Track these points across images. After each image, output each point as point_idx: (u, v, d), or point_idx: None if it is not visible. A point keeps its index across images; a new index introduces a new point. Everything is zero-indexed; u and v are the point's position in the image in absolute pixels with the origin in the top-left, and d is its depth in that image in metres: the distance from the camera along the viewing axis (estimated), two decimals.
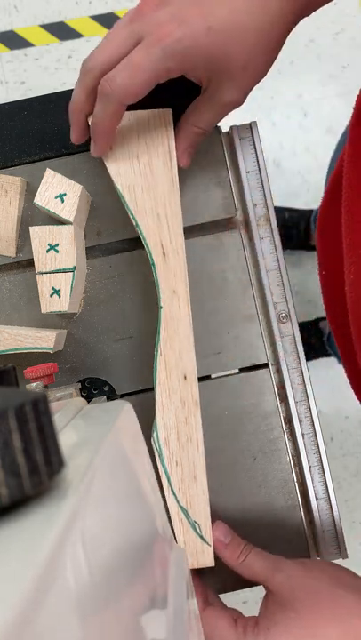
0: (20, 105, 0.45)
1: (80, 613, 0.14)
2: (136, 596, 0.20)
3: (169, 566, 0.28)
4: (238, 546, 0.40)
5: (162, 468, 0.40)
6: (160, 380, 0.40)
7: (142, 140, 0.40)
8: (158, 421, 0.40)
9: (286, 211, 1.29)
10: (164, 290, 0.41)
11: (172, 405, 0.40)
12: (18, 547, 0.13)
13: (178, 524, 0.40)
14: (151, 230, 0.40)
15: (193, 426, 0.40)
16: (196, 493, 0.40)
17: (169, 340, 0.40)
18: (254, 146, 0.45)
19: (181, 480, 0.40)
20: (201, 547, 0.40)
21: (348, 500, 1.30)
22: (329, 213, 0.51)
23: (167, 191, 0.40)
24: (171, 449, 0.40)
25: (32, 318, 0.45)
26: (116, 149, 0.40)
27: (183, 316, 0.41)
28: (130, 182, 0.40)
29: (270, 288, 0.45)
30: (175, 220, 0.41)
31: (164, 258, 0.41)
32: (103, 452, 0.21)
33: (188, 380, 0.40)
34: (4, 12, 1.37)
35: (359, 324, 0.41)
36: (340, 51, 1.37)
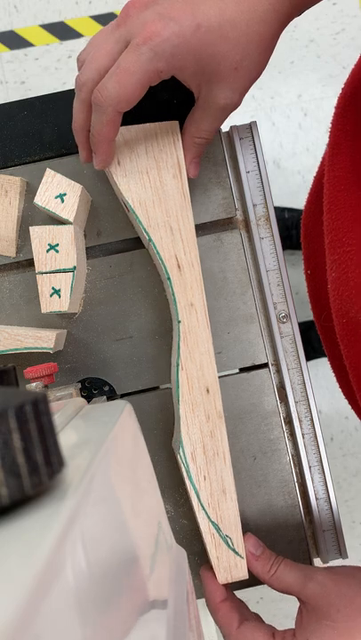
0: (20, 105, 0.45)
1: (80, 613, 0.14)
2: (135, 596, 0.20)
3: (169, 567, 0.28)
4: (269, 558, 0.40)
5: (190, 485, 0.39)
6: (183, 394, 0.40)
7: (151, 154, 0.40)
8: (183, 437, 0.40)
9: (286, 211, 1.29)
10: (181, 303, 0.40)
11: (196, 420, 0.40)
12: (18, 547, 0.13)
13: (210, 538, 0.39)
14: (165, 244, 0.40)
15: (218, 439, 0.40)
16: (226, 507, 0.40)
17: (189, 354, 0.40)
18: (254, 146, 0.45)
19: (210, 495, 0.39)
20: (234, 560, 0.40)
21: (348, 500, 1.30)
22: (313, 213, 0.52)
23: (179, 204, 0.40)
24: (198, 464, 0.39)
25: (32, 318, 0.45)
26: (125, 164, 0.40)
27: (202, 329, 0.40)
28: (141, 197, 0.40)
29: (270, 288, 0.45)
30: (189, 232, 0.40)
31: (180, 271, 0.40)
32: (103, 452, 0.21)
33: (210, 393, 0.40)
34: (3, 11, 1.37)
35: (341, 320, 0.41)
36: (340, 51, 1.37)
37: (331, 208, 0.40)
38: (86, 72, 0.35)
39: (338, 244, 0.39)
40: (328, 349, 0.53)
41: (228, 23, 0.33)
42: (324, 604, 0.36)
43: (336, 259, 0.40)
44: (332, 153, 0.41)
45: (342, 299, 0.39)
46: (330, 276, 0.41)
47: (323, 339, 0.53)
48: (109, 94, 0.34)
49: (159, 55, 0.33)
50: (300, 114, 1.37)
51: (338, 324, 0.41)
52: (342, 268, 0.39)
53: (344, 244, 0.39)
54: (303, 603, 0.37)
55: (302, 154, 1.36)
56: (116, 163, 0.40)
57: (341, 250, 0.39)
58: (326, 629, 0.35)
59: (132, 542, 0.22)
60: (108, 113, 0.35)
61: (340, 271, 0.39)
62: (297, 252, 1.31)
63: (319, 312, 0.52)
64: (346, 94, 0.41)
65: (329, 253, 0.41)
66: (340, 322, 0.41)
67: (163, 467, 0.45)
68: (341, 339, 0.42)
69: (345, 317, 0.40)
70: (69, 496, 0.16)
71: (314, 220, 0.51)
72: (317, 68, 1.37)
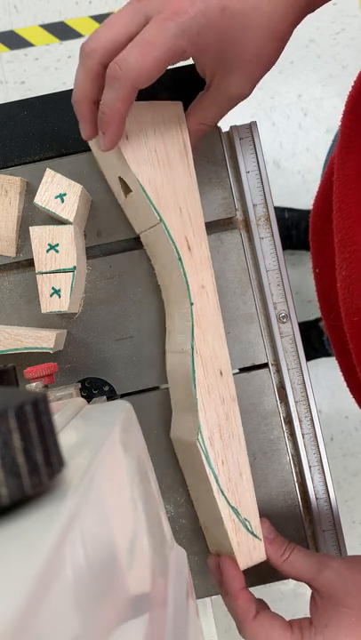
0: (20, 105, 0.45)
1: (80, 612, 0.14)
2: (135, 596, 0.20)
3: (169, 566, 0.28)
4: (282, 543, 0.40)
5: (209, 470, 0.39)
6: (198, 378, 0.39)
7: (158, 133, 0.39)
8: (201, 422, 0.39)
9: (286, 211, 1.29)
10: (193, 285, 0.40)
11: (212, 403, 0.39)
12: (18, 547, 0.14)
13: (231, 525, 0.39)
14: (175, 224, 0.40)
15: (233, 421, 0.40)
16: (243, 490, 0.39)
17: (203, 337, 0.40)
18: (254, 146, 0.45)
19: (229, 479, 0.39)
20: (253, 543, 0.39)
21: (348, 499, 1.30)
22: (322, 211, 0.52)
23: (186, 184, 0.40)
24: (216, 449, 0.39)
25: (32, 318, 0.45)
26: (133, 139, 0.38)
27: (214, 311, 0.40)
28: (150, 176, 0.39)
29: (270, 288, 0.45)
30: (197, 213, 0.40)
31: (190, 252, 0.40)
32: (103, 452, 0.21)
33: (224, 376, 0.40)
34: (3, 11, 1.37)
35: (352, 319, 0.41)
36: (340, 51, 1.37)
37: (341, 206, 0.40)
38: (96, 39, 0.33)
39: (348, 243, 0.39)
40: (336, 348, 0.53)
41: (252, 10, 0.33)
42: (340, 592, 0.35)
43: (346, 257, 0.40)
44: (343, 151, 0.41)
45: (353, 297, 0.39)
46: (339, 275, 0.41)
47: (331, 337, 0.53)
48: (129, 67, 0.31)
49: (185, 32, 0.31)
50: (300, 114, 1.37)
51: (347, 323, 0.41)
52: (353, 266, 0.39)
53: (355, 243, 0.39)
54: (317, 590, 0.37)
55: (302, 154, 1.36)
56: (124, 137, 0.38)
57: (352, 248, 0.39)
58: (344, 616, 0.35)
59: (132, 542, 0.22)
60: (125, 88, 0.32)
61: (350, 269, 0.39)
62: (297, 252, 1.31)
63: (328, 310, 0.52)
64: (356, 93, 0.41)
65: (339, 252, 0.41)
66: (351, 320, 0.41)
67: (163, 466, 0.45)
68: (351, 337, 0.42)
69: (356, 315, 0.40)
70: (69, 496, 0.16)
71: (323, 219, 0.51)
72: (317, 67, 1.37)
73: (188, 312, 0.40)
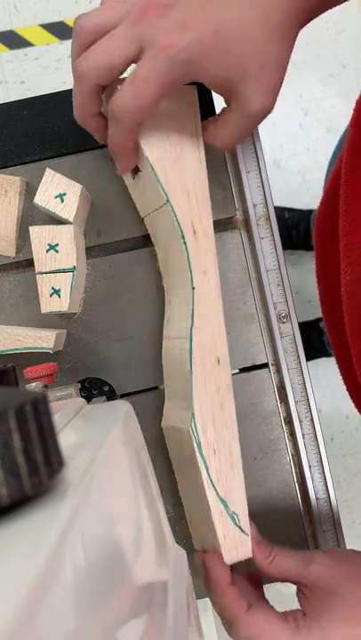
0: (20, 105, 0.45)
1: (80, 612, 0.14)
2: (135, 596, 0.20)
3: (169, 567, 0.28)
4: (267, 546, 0.40)
5: (200, 459, 0.38)
6: (195, 364, 0.39)
7: (171, 117, 0.39)
8: (196, 409, 0.38)
9: (286, 211, 1.29)
10: (196, 270, 0.39)
11: (207, 391, 0.39)
12: (18, 547, 0.13)
13: (218, 517, 0.39)
14: (182, 207, 0.39)
15: (227, 411, 0.39)
16: (233, 483, 0.39)
17: (201, 322, 0.39)
18: (254, 146, 0.45)
19: (219, 470, 0.39)
20: (240, 538, 0.39)
21: (348, 500, 1.30)
22: (327, 214, 0.51)
23: (195, 169, 0.40)
24: (208, 438, 0.39)
25: (32, 318, 0.45)
26: (147, 122, 0.38)
27: (214, 298, 0.40)
28: (160, 156, 0.39)
29: (270, 288, 0.45)
30: (204, 199, 0.40)
31: (195, 237, 0.39)
32: (103, 452, 0.21)
33: (221, 364, 0.39)
34: (3, 11, 1.37)
35: (354, 323, 0.41)
36: (340, 51, 1.37)
37: (347, 210, 0.40)
38: (92, 60, 0.34)
39: (353, 247, 0.39)
40: (337, 351, 0.53)
41: (247, 24, 0.33)
42: (330, 583, 0.36)
43: (351, 261, 0.39)
44: (350, 155, 0.41)
45: (356, 302, 0.39)
46: (344, 279, 0.41)
47: (332, 340, 0.53)
48: (128, 107, 0.33)
49: (175, 64, 0.32)
50: (301, 114, 1.37)
51: (350, 327, 0.41)
52: (357, 270, 0.39)
53: (360, 247, 0.39)
54: (305, 586, 0.37)
55: (302, 154, 1.36)
56: None
57: (357, 253, 0.39)
58: (337, 605, 0.35)
59: (132, 542, 0.22)
60: (127, 125, 0.34)
61: (355, 274, 0.39)
62: (297, 252, 1.31)
63: (331, 313, 0.52)
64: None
65: (344, 256, 0.41)
66: (353, 324, 0.41)
67: (162, 467, 0.45)
68: (353, 342, 0.42)
69: (358, 320, 0.40)
70: (69, 496, 0.16)
71: (328, 222, 0.50)
72: (317, 67, 1.37)
73: (190, 297, 0.40)
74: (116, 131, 0.35)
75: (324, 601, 0.35)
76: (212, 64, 0.33)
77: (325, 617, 0.35)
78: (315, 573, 0.37)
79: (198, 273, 0.40)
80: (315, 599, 0.36)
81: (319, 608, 0.35)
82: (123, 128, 0.35)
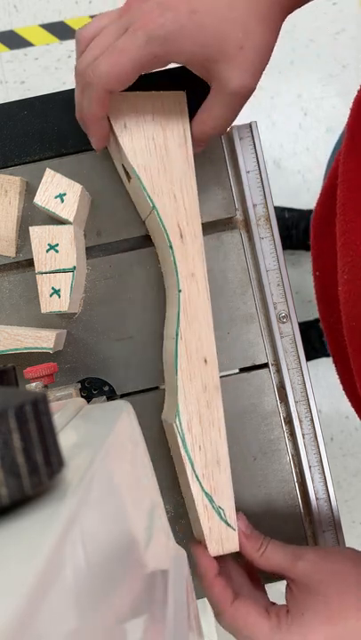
0: (20, 105, 0.45)
1: (80, 612, 0.14)
2: (135, 596, 0.20)
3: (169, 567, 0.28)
4: (258, 538, 0.40)
5: (185, 453, 0.40)
6: (181, 364, 0.40)
7: (158, 121, 0.40)
8: (180, 406, 0.40)
9: (286, 211, 1.29)
10: (183, 273, 0.40)
11: (193, 390, 0.40)
12: (18, 547, 0.13)
13: (203, 510, 0.39)
14: (168, 212, 0.40)
15: (214, 410, 0.40)
16: (219, 478, 0.40)
17: (188, 323, 0.40)
18: (254, 146, 0.45)
19: (205, 465, 0.40)
20: (226, 532, 0.40)
21: (348, 500, 1.30)
22: (324, 214, 0.52)
23: (183, 173, 0.40)
24: (193, 434, 0.40)
25: (32, 318, 0.45)
26: (132, 128, 0.40)
27: (202, 300, 0.40)
28: (146, 163, 0.40)
29: (270, 288, 0.45)
30: (192, 202, 0.40)
31: (182, 240, 0.40)
32: (103, 452, 0.21)
33: (208, 364, 0.40)
34: (3, 11, 1.37)
35: (351, 323, 0.41)
36: (340, 51, 1.37)
37: (344, 210, 0.40)
38: (86, 59, 0.36)
39: (351, 247, 0.39)
40: (334, 351, 0.53)
41: (225, 5, 0.34)
42: (316, 581, 0.36)
43: (348, 261, 0.40)
44: (348, 154, 0.41)
45: (354, 301, 0.39)
46: (341, 279, 0.41)
47: (329, 340, 0.53)
48: (100, 71, 0.34)
49: (153, 39, 0.33)
50: (301, 114, 1.37)
51: (347, 327, 0.41)
52: (355, 270, 0.39)
53: (358, 247, 0.39)
54: (293, 581, 0.37)
55: (302, 154, 1.36)
56: (122, 125, 0.40)
57: (355, 253, 0.39)
58: (319, 604, 0.35)
59: (132, 542, 0.22)
60: (96, 90, 0.35)
61: (352, 274, 0.39)
62: (297, 252, 1.31)
63: (327, 313, 0.52)
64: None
65: (341, 255, 0.41)
66: (350, 324, 0.41)
67: (163, 467, 0.45)
68: (350, 341, 0.42)
69: (354, 320, 0.40)
70: (69, 496, 0.16)
71: (324, 222, 0.50)
72: (317, 67, 1.37)
73: (177, 299, 0.40)
74: (87, 96, 0.36)
75: (307, 599, 0.36)
76: (189, 42, 0.34)
77: (307, 615, 0.35)
78: (301, 570, 0.37)
79: (185, 276, 0.40)
80: (299, 596, 0.36)
81: (302, 605, 0.36)
82: (94, 95, 0.35)
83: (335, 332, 0.50)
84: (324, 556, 0.37)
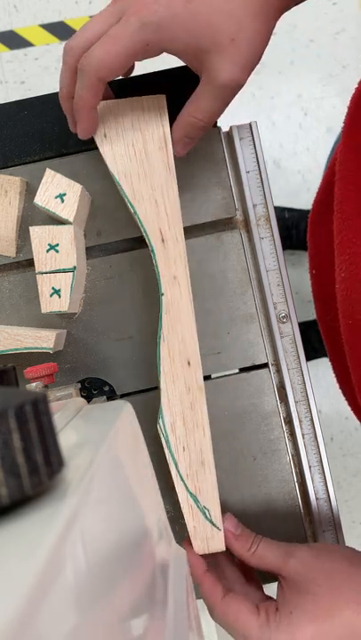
0: (20, 105, 0.45)
1: (79, 612, 0.14)
2: (135, 596, 0.20)
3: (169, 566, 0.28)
4: (249, 537, 0.40)
5: (169, 455, 0.40)
6: (164, 366, 0.40)
7: (137, 126, 0.40)
8: (164, 408, 0.40)
9: (286, 211, 1.29)
10: (165, 276, 0.40)
11: (176, 391, 0.40)
12: (18, 547, 0.13)
13: (187, 509, 0.40)
14: (149, 217, 0.40)
15: (198, 411, 0.40)
16: (204, 479, 0.40)
17: (171, 326, 0.40)
18: (254, 146, 0.45)
19: (189, 466, 0.40)
20: (211, 532, 0.40)
21: (348, 500, 1.30)
22: (321, 212, 0.51)
23: (164, 177, 0.40)
24: (177, 435, 0.40)
25: (32, 318, 0.45)
26: (112, 137, 0.40)
27: (185, 302, 0.41)
28: (126, 169, 0.40)
29: (270, 288, 0.45)
30: (173, 206, 0.40)
31: (163, 244, 0.40)
32: (103, 452, 0.21)
33: (191, 366, 0.40)
34: (3, 11, 1.37)
35: (348, 322, 0.41)
36: (340, 51, 1.37)
37: (341, 208, 0.40)
38: (75, 38, 0.36)
39: (348, 245, 0.39)
40: (330, 350, 0.53)
41: None
42: (306, 579, 0.36)
43: (346, 259, 0.40)
44: (345, 151, 0.41)
45: (351, 299, 0.39)
46: (338, 276, 0.41)
47: (325, 339, 0.53)
48: (93, 59, 0.34)
49: (146, 26, 0.33)
50: (301, 114, 1.37)
51: (344, 325, 0.41)
52: (352, 268, 0.39)
53: (354, 245, 0.39)
54: (284, 578, 0.38)
55: (302, 154, 1.36)
56: (102, 135, 0.40)
57: (352, 250, 0.39)
58: (309, 603, 0.35)
59: (132, 542, 0.22)
60: (89, 78, 0.35)
61: (349, 271, 0.39)
62: (297, 252, 1.31)
63: (324, 312, 0.52)
64: (358, 94, 0.41)
65: (338, 253, 0.41)
66: (346, 323, 0.41)
67: (163, 467, 0.45)
68: (346, 340, 0.42)
69: (351, 319, 0.40)
70: (69, 496, 0.16)
71: (321, 220, 0.50)
72: (317, 67, 1.37)
73: (160, 301, 0.41)
74: (80, 84, 0.36)
75: (296, 597, 0.36)
76: (182, 31, 0.34)
77: (295, 613, 0.35)
78: (292, 568, 0.37)
79: (168, 279, 0.40)
80: (289, 594, 0.36)
81: (291, 604, 0.36)
82: (88, 82, 0.35)
83: (332, 330, 0.50)
84: (317, 555, 0.37)
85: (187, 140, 0.40)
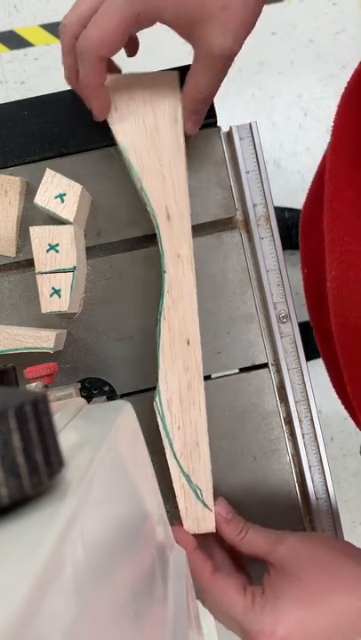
0: (20, 105, 0.45)
1: (80, 612, 0.14)
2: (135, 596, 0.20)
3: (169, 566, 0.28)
4: (239, 522, 0.40)
5: (164, 432, 0.40)
6: (163, 345, 0.40)
7: (148, 102, 0.40)
8: (161, 385, 0.40)
9: (286, 211, 1.29)
10: (169, 254, 0.40)
11: (175, 370, 0.40)
12: (18, 547, 0.13)
13: (180, 489, 0.40)
14: (156, 192, 0.40)
15: (196, 390, 0.40)
16: (198, 458, 0.40)
17: (173, 304, 0.40)
18: (254, 146, 0.45)
19: (184, 445, 0.40)
20: (202, 512, 0.40)
21: (348, 500, 1.30)
22: (312, 211, 0.52)
23: (173, 154, 0.40)
24: (173, 413, 0.40)
25: (32, 318, 0.45)
26: (122, 110, 0.40)
27: (188, 281, 0.40)
28: (135, 143, 0.40)
29: (270, 288, 0.45)
30: (181, 183, 0.40)
31: (169, 221, 0.40)
32: (103, 452, 0.21)
33: (191, 345, 0.40)
34: (3, 11, 1.37)
35: (339, 321, 0.41)
36: (340, 51, 1.37)
37: (332, 206, 0.40)
38: (68, 17, 0.36)
39: (338, 243, 0.39)
40: (323, 349, 0.53)
41: None
42: (294, 566, 0.36)
43: (336, 257, 0.40)
44: (334, 151, 0.41)
45: (342, 298, 0.39)
46: (329, 275, 0.41)
47: (318, 338, 0.53)
48: (91, 39, 0.34)
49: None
50: (301, 114, 1.37)
51: (335, 324, 0.41)
52: (342, 266, 0.39)
53: (345, 243, 0.39)
54: (271, 565, 0.38)
55: (302, 154, 1.36)
56: (113, 109, 0.40)
57: (342, 248, 0.39)
58: (296, 590, 0.35)
59: (132, 541, 0.22)
60: (90, 59, 0.35)
61: (339, 270, 0.39)
62: (297, 252, 1.31)
63: (316, 311, 0.53)
64: (348, 93, 0.41)
65: (329, 252, 0.41)
66: (337, 321, 0.41)
67: (163, 467, 0.45)
68: (338, 338, 0.42)
69: (341, 317, 0.40)
70: (69, 496, 0.16)
71: (312, 219, 0.51)
72: (317, 67, 1.37)
73: (162, 279, 0.41)
74: (82, 66, 0.36)
75: (283, 582, 0.36)
76: (170, 2, 0.34)
77: (281, 598, 0.35)
78: (281, 554, 0.37)
79: (171, 256, 0.40)
80: (276, 579, 0.36)
81: (277, 589, 0.36)
82: (87, 63, 0.35)
83: (323, 329, 0.50)
84: (304, 542, 0.38)
85: (194, 117, 0.40)
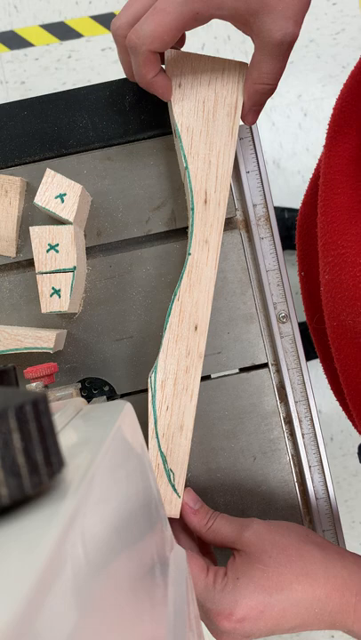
0: (20, 105, 0.45)
1: (80, 612, 0.14)
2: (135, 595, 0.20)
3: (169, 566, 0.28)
4: (207, 512, 0.41)
5: (151, 409, 0.40)
6: (171, 324, 0.40)
7: (212, 87, 0.40)
8: (159, 364, 0.40)
9: (286, 211, 1.29)
10: (197, 237, 0.41)
11: (176, 352, 0.40)
12: (18, 547, 0.14)
13: (154, 467, 0.40)
14: (199, 175, 0.40)
15: (192, 376, 0.40)
16: (178, 442, 0.40)
17: (190, 287, 0.40)
18: (254, 146, 0.45)
19: (168, 426, 0.40)
20: (171, 497, 0.40)
21: (348, 500, 1.30)
22: (308, 215, 0.52)
23: (224, 142, 0.41)
24: (165, 393, 0.40)
25: (32, 318, 0.45)
26: (185, 89, 0.40)
27: (210, 268, 0.41)
28: (190, 124, 0.40)
29: (270, 288, 0.45)
30: (225, 171, 0.41)
31: (205, 205, 0.41)
32: (103, 452, 0.21)
33: (198, 332, 0.40)
34: (3, 12, 1.37)
35: (333, 324, 0.41)
36: (340, 51, 1.37)
37: (325, 210, 0.40)
38: (120, 17, 0.36)
39: (332, 246, 0.39)
40: (320, 351, 0.53)
41: None
42: (257, 550, 0.36)
43: (330, 261, 0.40)
44: (328, 155, 0.41)
45: (335, 301, 0.40)
46: (323, 278, 0.41)
47: (315, 340, 0.53)
48: (144, 34, 0.34)
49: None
50: (300, 114, 1.37)
51: (329, 327, 0.42)
52: (336, 270, 0.39)
53: (338, 247, 0.39)
54: (237, 551, 0.38)
55: (302, 154, 1.36)
56: (177, 84, 0.40)
57: (335, 252, 0.39)
58: (257, 572, 0.36)
59: (132, 541, 0.22)
60: (142, 52, 0.35)
61: (333, 273, 0.39)
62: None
63: (312, 313, 0.53)
64: (343, 96, 0.41)
65: (323, 255, 0.41)
66: (332, 324, 0.41)
67: None
68: (332, 341, 0.42)
69: (336, 320, 0.40)
70: (69, 496, 0.16)
71: (309, 222, 0.51)
72: (317, 67, 1.37)
73: (185, 261, 0.41)
74: (135, 60, 0.36)
75: (246, 566, 0.36)
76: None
77: (242, 580, 0.36)
78: (246, 540, 0.37)
79: (199, 241, 0.41)
80: (240, 563, 0.37)
81: (239, 571, 0.36)
82: (141, 57, 0.36)
83: (320, 331, 0.50)
84: (270, 529, 0.38)
85: (256, 109, 0.41)
